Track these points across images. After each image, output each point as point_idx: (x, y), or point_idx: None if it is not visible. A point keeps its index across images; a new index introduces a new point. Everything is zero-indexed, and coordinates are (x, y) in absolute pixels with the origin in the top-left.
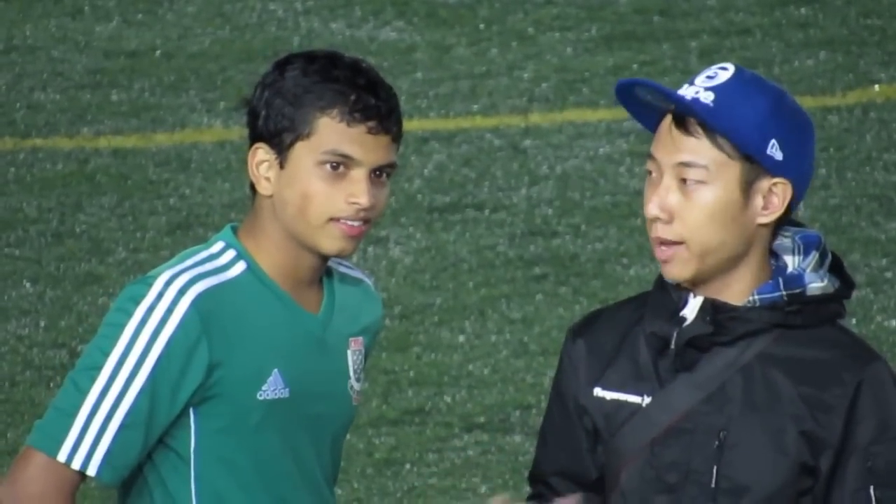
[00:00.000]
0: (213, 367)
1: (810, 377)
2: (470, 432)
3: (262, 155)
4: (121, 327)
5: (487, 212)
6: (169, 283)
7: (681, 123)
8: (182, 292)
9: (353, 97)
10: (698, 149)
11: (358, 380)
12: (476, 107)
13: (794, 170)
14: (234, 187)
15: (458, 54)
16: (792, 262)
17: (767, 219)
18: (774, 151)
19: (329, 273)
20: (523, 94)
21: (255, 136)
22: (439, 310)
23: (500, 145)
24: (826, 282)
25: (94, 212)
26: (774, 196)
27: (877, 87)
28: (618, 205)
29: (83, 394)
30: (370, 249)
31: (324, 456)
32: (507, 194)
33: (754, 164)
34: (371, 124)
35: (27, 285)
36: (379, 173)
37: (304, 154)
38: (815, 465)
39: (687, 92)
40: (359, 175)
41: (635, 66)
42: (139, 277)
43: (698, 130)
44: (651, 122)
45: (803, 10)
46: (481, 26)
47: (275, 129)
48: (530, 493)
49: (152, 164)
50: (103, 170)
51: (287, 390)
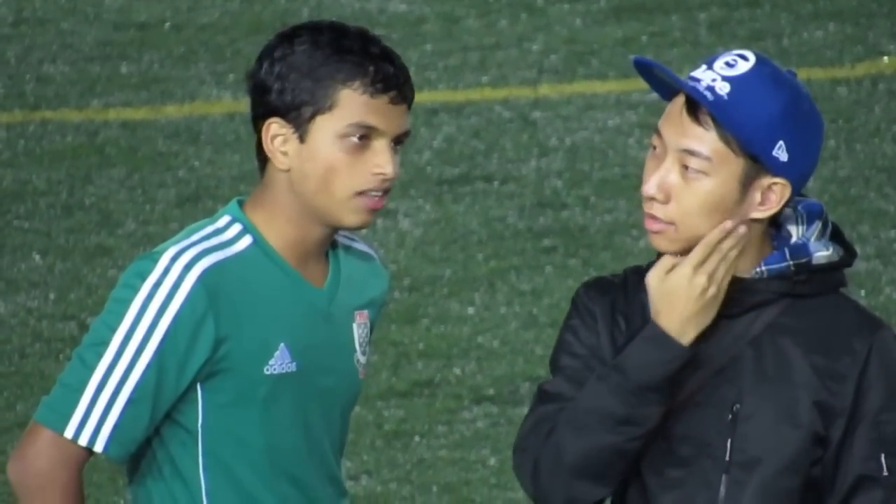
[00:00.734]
0: (220, 342)
1: (821, 347)
2: (479, 404)
3: (276, 129)
4: (127, 303)
5: (497, 184)
6: (175, 259)
7: (692, 110)
8: (188, 268)
9: (372, 68)
10: (704, 139)
11: (364, 353)
12: (485, 78)
13: (796, 171)
14: (244, 159)
15: (468, 26)
16: (795, 231)
17: (762, 215)
18: (780, 153)
19: (334, 246)
20: (533, 66)
21: (268, 111)
22: (448, 282)
23: (509, 117)
24: (831, 250)
25: (103, 184)
26: (772, 194)
27: (886, 58)
28: (627, 176)
29: (90, 370)
30: (379, 222)
31: (331, 429)
32: (516, 166)
33: (758, 162)
34: (392, 94)
35: (36, 257)
36: (395, 142)
37: (325, 127)
38: (826, 434)
39: (704, 76)
40: (381, 145)
41: (644, 37)
42: (145, 253)
43: (708, 121)
44: (666, 92)
45: None
46: None
47: (292, 102)
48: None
49: (162, 137)
50: (113, 142)
51: (294, 364)
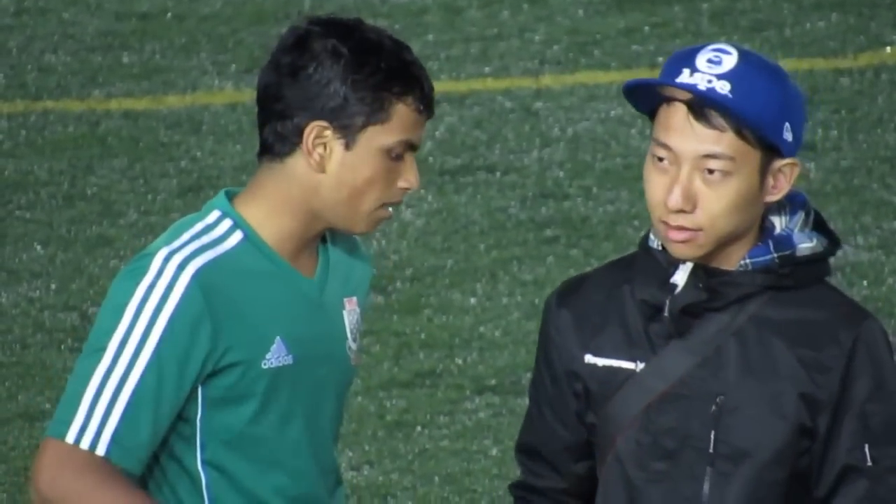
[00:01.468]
0: (219, 341)
1: (806, 339)
2: (481, 394)
3: (320, 132)
4: (122, 307)
5: (499, 174)
6: (168, 260)
7: (700, 115)
8: (181, 268)
9: (425, 85)
10: (723, 140)
11: (355, 340)
12: (487, 69)
13: (798, 147)
14: (246, 149)
15: (470, 16)
16: (779, 222)
17: (775, 198)
18: (788, 135)
19: (322, 235)
20: (535, 57)
21: (314, 114)
22: (451, 272)
23: (511, 107)
24: (815, 241)
25: (105, 174)
26: (782, 176)
27: (888, 48)
28: (629, 167)
29: (88, 375)
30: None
31: (327, 417)
32: (518, 157)
33: (770, 149)
34: (430, 111)
35: (38, 248)
36: None
37: (375, 139)
38: (812, 426)
39: (697, 81)
40: (411, 159)
41: (647, 28)
42: (136, 256)
43: (721, 122)
44: (645, 104)
45: None
46: None
47: (344, 110)
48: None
49: (163, 127)
50: (114, 132)
51: (290, 357)
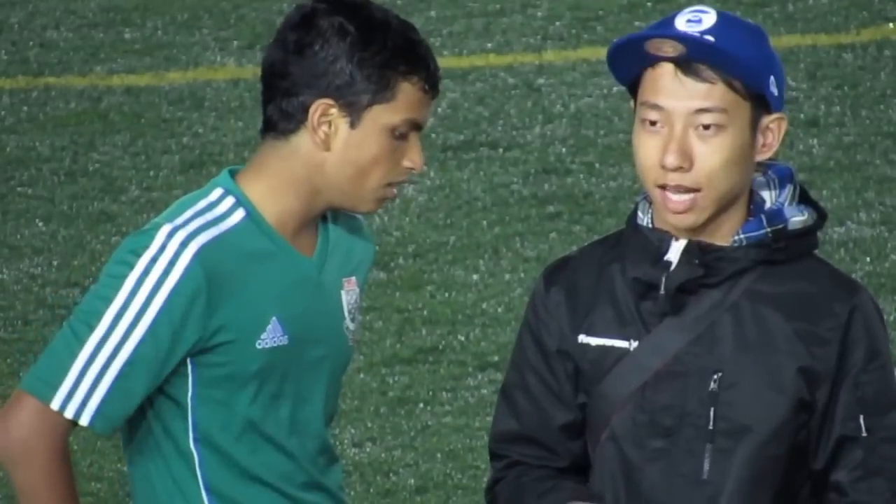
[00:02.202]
0: (213, 319)
1: (802, 312)
2: (483, 371)
3: (326, 110)
4: (122, 278)
5: (501, 150)
6: (171, 235)
7: (689, 70)
8: (184, 245)
9: (431, 65)
10: (713, 93)
11: (353, 320)
12: (490, 45)
13: (783, 103)
14: (248, 125)
15: None
16: (769, 197)
17: (765, 155)
18: (774, 88)
19: (323, 214)
20: (537, 33)
21: (320, 92)
22: (453, 248)
23: (513, 83)
24: (806, 215)
25: (107, 150)
26: (770, 132)
27: (891, 24)
28: (632, 143)
29: (80, 342)
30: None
31: (322, 398)
32: (521, 132)
33: (758, 102)
34: (436, 91)
35: (40, 224)
36: None
37: (381, 117)
38: (811, 399)
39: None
40: (415, 139)
41: (649, 3)
42: (138, 230)
43: (710, 75)
44: (623, 75)
45: None
46: None
47: (350, 87)
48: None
49: (165, 103)
50: (116, 108)
51: (286, 337)
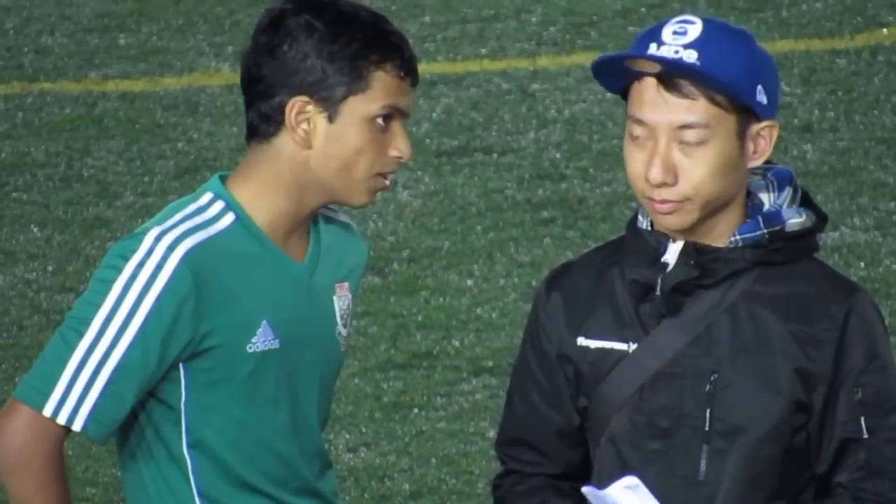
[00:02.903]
0: (203, 323)
1: (798, 313)
2: (478, 376)
3: (302, 107)
4: (110, 283)
5: (496, 155)
6: (159, 239)
7: (671, 86)
8: (172, 248)
9: (405, 51)
10: (695, 109)
11: (345, 325)
12: (484, 50)
13: (774, 109)
14: (242, 131)
15: None
16: (767, 199)
17: (757, 162)
18: (762, 96)
19: (315, 219)
20: (531, 38)
21: (293, 89)
22: (447, 253)
23: (508, 89)
24: (804, 217)
25: (102, 156)
26: (762, 139)
27: (885, 30)
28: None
29: (71, 348)
30: (378, 193)
31: (314, 402)
32: (515, 138)
33: (745, 112)
34: (414, 77)
35: (35, 229)
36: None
37: (357, 108)
38: (808, 401)
39: (664, 53)
40: (399, 128)
41: (643, 9)
42: (127, 234)
43: (692, 91)
44: (616, 83)
45: None
46: None
47: (323, 82)
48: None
49: (160, 108)
50: (111, 114)
51: (277, 341)
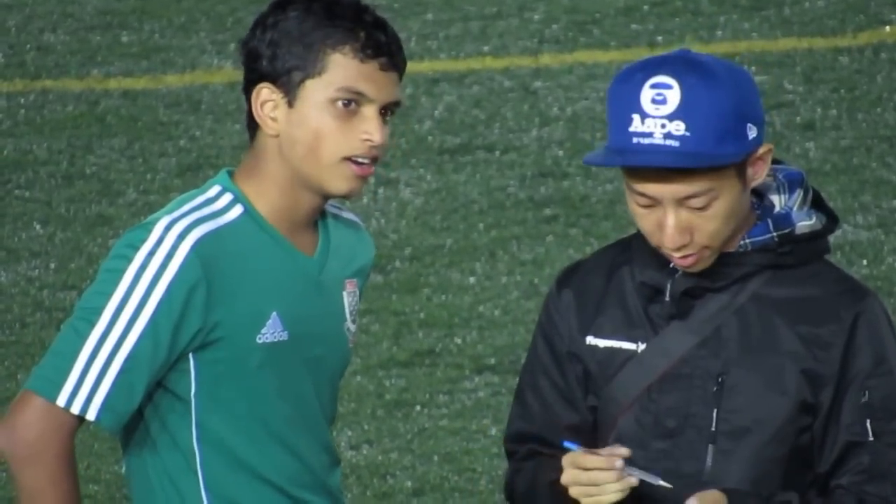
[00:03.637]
0: (213, 312)
1: (806, 315)
2: (480, 374)
3: (266, 95)
4: (121, 272)
5: (498, 153)
6: (168, 229)
7: (672, 169)
8: (182, 237)
9: (363, 34)
10: (695, 181)
11: (353, 322)
12: (486, 48)
13: (763, 130)
14: (245, 129)
15: None
16: (778, 201)
17: (758, 182)
18: (752, 131)
19: (323, 215)
20: (534, 36)
21: (258, 77)
22: (450, 251)
23: (510, 86)
24: (814, 219)
25: (104, 153)
26: (760, 161)
27: (888, 27)
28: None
29: (82, 338)
30: (380, 191)
31: (323, 397)
32: (517, 136)
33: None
34: (382, 60)
35: (37, 227)
36: (385, 111)
37: (315, 92)
38: (814, 402)
39: (651, 128)
40: (370, 112)
41: (646, 7)
42: (137, 224)
43: (692, 170)
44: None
45: None
46: None
47: (282, 68)
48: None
49: (162, 106)
50: (113, 111)
51: (286, 333)
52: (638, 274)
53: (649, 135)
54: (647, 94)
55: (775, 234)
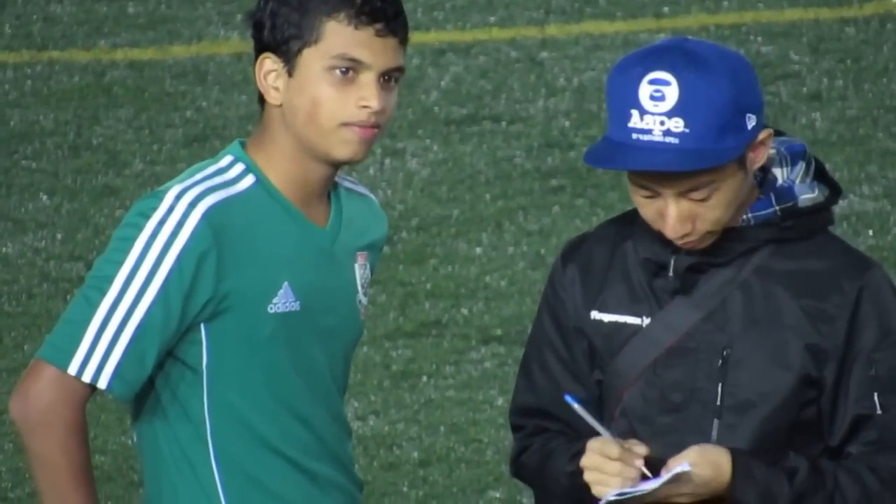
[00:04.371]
0: (224, 280)
1: (810, 289)
2: (487, 344)
3: (269, 65)
4: (131, 241)
5: (504, 124)
6: (179, 197)
7: None
8: (192, 205)
9: (358, 0)
10: (699, 175)
11: (365, 294)
12: (493, 18)
13: (761, 116)
14: (251, 100)
15: None
16: (780, 174)
17: (759, 164)
18: (750, 122)
19: (335, 187)
20: (540, 6)
21: (262, 47)
22: (456, 222)
23: (516, 57)
24: (816, 192)
25: (110, 124)
26: (760, 145)
27: None
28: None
29: (94, 307)
30: (387, 161)
31: (335, 369)
32: (523, 106)
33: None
34: (378, 26)
35: (44, 198)
36: (388, 78)
37: (312, 60)
38: (818, 376)
39: (650, 125)
40: (368, 79)
41: None
42: (149, 193)
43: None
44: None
45: None
46: None
47: (281, 37)
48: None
49: (169, 77)
50: (120, 82)
51: (298, 303)
52: (641, 250)
53: (648, 132)
54: (645, 90)
55: (778, 209)
